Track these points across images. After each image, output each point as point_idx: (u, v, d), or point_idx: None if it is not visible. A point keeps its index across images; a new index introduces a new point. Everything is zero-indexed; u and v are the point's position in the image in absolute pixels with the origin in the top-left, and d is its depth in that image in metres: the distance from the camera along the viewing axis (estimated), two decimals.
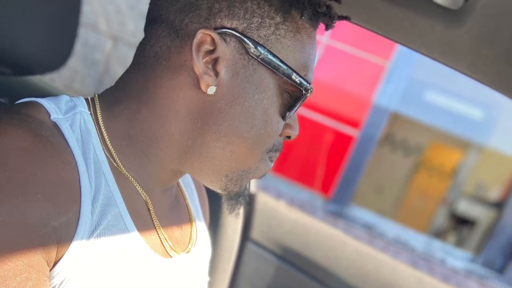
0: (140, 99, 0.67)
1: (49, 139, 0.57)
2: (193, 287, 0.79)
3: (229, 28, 0.63)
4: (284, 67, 0.65)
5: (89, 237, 0.59)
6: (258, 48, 0.63)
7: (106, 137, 0.66)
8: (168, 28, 0.65)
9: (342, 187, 7.37)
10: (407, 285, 1.41)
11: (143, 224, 0.68)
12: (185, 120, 0.66)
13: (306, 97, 0.68)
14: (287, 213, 1.54)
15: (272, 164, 0.74)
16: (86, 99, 0.69)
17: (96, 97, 0.69)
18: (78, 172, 0.59)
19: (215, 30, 0.62)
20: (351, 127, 7.25)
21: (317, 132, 7.28)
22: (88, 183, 0.60)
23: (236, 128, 0.66)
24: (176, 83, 0.65)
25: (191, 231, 0.81)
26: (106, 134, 0.66)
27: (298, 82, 0.66)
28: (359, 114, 7.27)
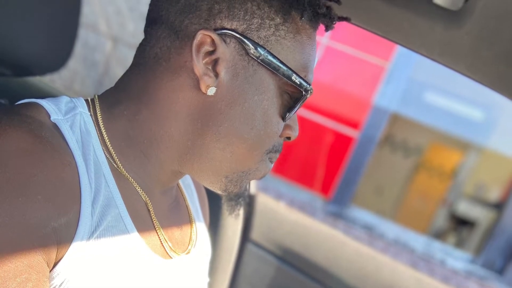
0: (140, 100, 0.67)
1: (49, 140, 0.57)
2: None
3: (229, 29, 0.63)
4: (284, 68, 0.65)
5: (89, 238, 0.59)
6: (258, 49, 0.63)
7: (106, 138, 0.66)
8: (168, 29, 0.65)
9: (342, 188, 7.37)
10: (407, 286, 1.41)
11: (143, 225, 0.68)
12: (185, 121, 0.66)
13: (306, 98, 0.68)
14: (287, 214, 1.54)
15: (272, 165, 0.74)
16: (86, 100, 0.69)
17: (96, 98, 0.69)
18: (78, 173, 0.59)
19: (215, 31, 0.62)
20: (351, 128, 7.25)
21: (317, 133, 7.28)
22: (88, 184, 0.60)
23: (236, 129, 0.66)
24: (176, 84, 0.65)
25: (191, 232, 0.81)
26: (106, 135, 0.66)
27: (298, 83, 0.66)
28: (359, 115, 7.27)
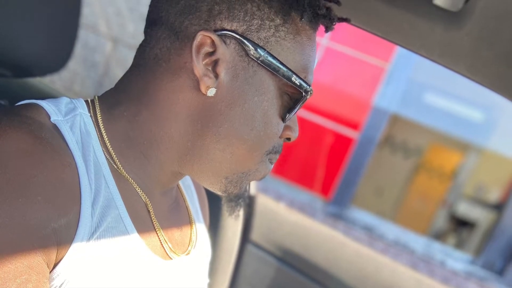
0: (140, 101, 0.67)
1: (49, 141, 0.57)
2: None
3: (229, 30, 0.63)
4: (284, 69, 0.65)
5: (89, 239, 0.58)
6: (258, 50, 0.63)
7: (106, 139, 0.66)
8: (168, 30, 0.65)
9: (342, 189, 7.37)
10: (407, 287, 1.41)
11: (143, 226, 0.68)
12: (185, 122, 0.66)
13: (306, 99, 0.68)
14: (287, 215, 1.54)
15: (272, 166, 0.74)
16: (86, 101, 0.69)
17: (96, 99, 0.69)
18: (78, 174, 0.59)
19: (215, 32, 0.62)
20: (351, 129, 7.26)
21: (317, 134, 7.28)
22: (88, 185, 0.60)
23: (236, 130, 0.65)
24: (176, 85, 0.65)
25: (191, 233, 0.81)
26: (106, 136, 0.66)
27: (298, 84, 0.66)
28: (359, 116, 7.27)
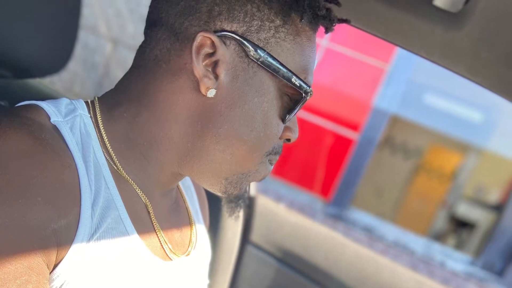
0: (140, 102, 0.67)
1: (49, 142, 0.57)
2: None
3: (229, 31, 0.63)
4: (284, 70, 0.65)
5: (89, 240, 0.58)
6: (258, 51, 0.63)
7: (106, 140, 0.66)
8: (168, 31, 0.65)
9: (342, 190, 7.37)
10: None
11: (143, 227, 0.68)
12: (185, 123, 0.66)
13: (306, 100, 0.68)
14: (287, 216, 1.53)
15: (272, 167, 0.74)
16: (86, 102, 0.69)
17: (96, 100, 0.69)
18: (78, 175, 0.59)
19: (215, 33, 0.62)
20: (351, 130, 7.26)
21: (317, 135, 7.28)
22: (88, 186, 0.60)
23: (236, 131, 0.65)
24: (176, 86, 0.65)
25: (191, 234, 0.81)
26: (106, 137, 0.66)
27: (298, 85, 0.66)
28: (359, 117, 7.28)
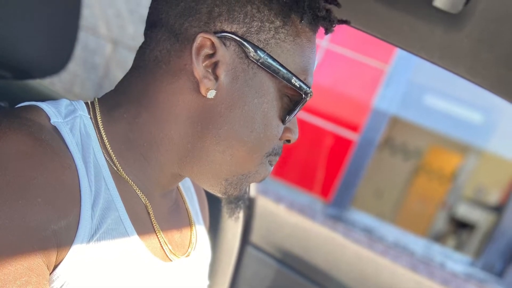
0: (140, 103, 0.67)
1: (49, 143, 0.57)
2: None
3: (229, 32, 0.63)
4: (284, 71, 0.65)
5: (89, 241, 0.58)
6: (258, 52, 0.63)
7: (106, 141, 0.66)
8: (168, 32, 0.65)
9: (342, 191, 7.38)
10: None
11: (143, 228, 0.68)
12: (185, 124, 0.66)
13: (306, 101, 0.68)
14: (287, 217, 1.53)
15: (272, 168, 0.74)
16: (86, 103, 0.69)
17: (96, 101, 0.69)
18: (78, 176, 0.59)
19: (215, 34, 0.62)
20: (351, 131, 7.26)
21: (317, 136, 7.28)
22: (88, 187, 0.60)
23: (236, 132, 0.65)
24: (176, 87, 0.65)
25: (191, 235, 0.81)
26: (106, 138, 0.66)
27: (298, 86, 0.66)
28: (359, 118, 7.28)
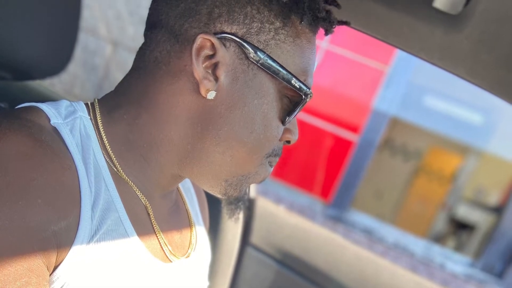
0: (140, 104, 0.67)
1: (49, 144, 0.57)
2: None
3: (229, 33, 0.63)
4: (284, 72, 0.65)
5: (89, 242, 0.58)
6: (258, 53, 0.63)
7: (106, 142, 0.66)
8: (168, 33, 0.65)
9: (342, 192, 7.38)
10: None
11: (143, 229, 0.68)
12: (185, 125, 0.66)
13: (306, 102, 0.68)
14: (287, 218, 1.53)
15: (272, 169, 0.74)
16: (86, 104, 0.69)
17: (96, 102, 0.69)
18: (78, 177, 0.59)
19: (215, 35, 0.62)
20: (351, 132, 7.26)
21: (317, 137, 7.28)
22: (88, 188, 0.60)
23: (236, 133, 0.66)
24: (176, 88, 0.65)
25: (191, 236, 0.81)
26: (106, 139, 0.66)
27: (298, 87, 0.66)
28: (359, 119, 7.28)
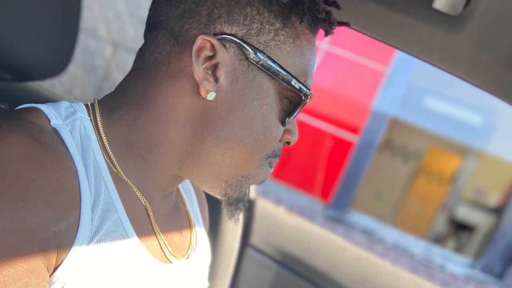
0: (140, 105, 0.67)
1: (49, 145, 0.57)
2: None
3: (229, 34, 0.63)
4: (284, 73, 0.65)
5: (89, 243, 0.58)
6: (258, 54, 0.63)
7: (106, 143, 0.66)
8: (168, 34, 0.65)
9: (342, 193, 7.37)
10: None
11: (143, 230, 0.68)
12: (185, 126, 0.66)
13: (306, 103, 0.68)
14: (287, 219, 1.53)
15: (272, 170, 0.74)
16: (86, 105, 0.69)
17: (96, 103, 0.69)
18: (78, 178, 0.59)
19: (215, 36, 0.62)
20: (351, 133, 7.26)
21: (317, 138, 7.28)
22: (88, 189, 0.60)
23: (236, 134, 0.66)
24: (176, 89, 0.65)
25: (191, 237, 0.81)
26: (106, 140, 0.66)
27: (298, 88, 0.66)
28: (359, 120, 7.28)
